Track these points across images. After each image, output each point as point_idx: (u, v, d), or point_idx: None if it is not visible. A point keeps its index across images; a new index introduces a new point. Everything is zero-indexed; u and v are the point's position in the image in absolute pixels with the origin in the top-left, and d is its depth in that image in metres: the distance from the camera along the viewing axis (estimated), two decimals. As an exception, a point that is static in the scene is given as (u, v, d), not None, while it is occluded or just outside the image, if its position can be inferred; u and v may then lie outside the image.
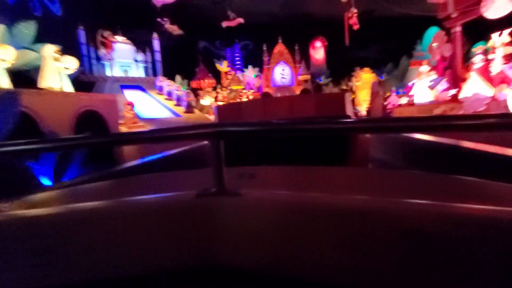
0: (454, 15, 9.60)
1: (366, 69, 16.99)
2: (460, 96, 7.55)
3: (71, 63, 5.67)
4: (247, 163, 1.13)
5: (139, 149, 7.20)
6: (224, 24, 14.11)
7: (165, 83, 11.41)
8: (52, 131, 4.71)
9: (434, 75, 8.70)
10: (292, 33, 16.68)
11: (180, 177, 1.17)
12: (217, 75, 15.65)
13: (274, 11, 16.69)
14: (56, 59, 5.43)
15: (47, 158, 4.33)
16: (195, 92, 13.76)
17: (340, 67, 17.56)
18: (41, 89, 5.21)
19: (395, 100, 11.43)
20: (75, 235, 0.69)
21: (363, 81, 16.65)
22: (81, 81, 11.84)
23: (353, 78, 17.15)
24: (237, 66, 16.26)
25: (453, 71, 9.68)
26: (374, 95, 9.40)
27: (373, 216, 0.58)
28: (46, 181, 4.37)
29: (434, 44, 11.03)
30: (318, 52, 18.32)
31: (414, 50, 16.75)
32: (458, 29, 9.70)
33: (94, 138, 0.85)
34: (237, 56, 16.39)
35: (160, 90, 11.72)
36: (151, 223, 0.71)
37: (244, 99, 13.58)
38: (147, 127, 8.50)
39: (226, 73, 15.73)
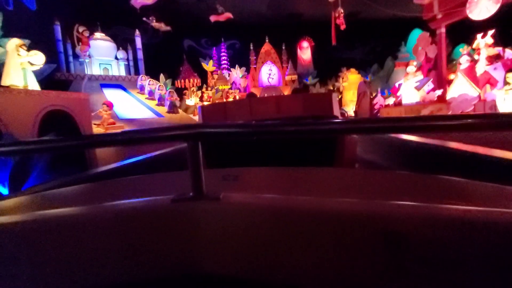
0: (439, 16, 9.59)
1: (352, 69, 17.00)
2: (447, 96, 7.47)
3: (37, 59, 5.12)
4: (231, 164, 1.08)
5: (117, 152, 6.70)
6: (213, 18, 13.64)
7: (146, 82, 10.85)
8: (11, 133, 4.20)
9: (420, 76, 8.61)
10: (279, 33, 16.44)
11: (157, 180, 1.10)
12: (203, 75, 15.19)
13: (261, 11, 16.38)
14: (19, 54, 4.88)
15: (4, 163, 3.82)
16: (180, 91, 13.25)
17: (327, 67, 17.54)
18: (1, 86, 4.66)
19: (381, 101, 11.40)
20: (41, 244, 0.65)
21: (350, 81, 16.64)
22: (57, 80, 11.16)
23: (340, 78, 17.11)
24: (223, 66, 15.83)
25: (438, 72, 9.68)
26: (361, 95, 9.24)
27: (358, 218, 0.57)
28: (2, 189, 3.85)
29: (420, 48, 11.06)
30: (305, 52, 18.18)
31: (399, 51, 17.08)
32: (443, 30, 9.70)
33: (63, 141, 0.78)
34: (224, 55, 15.96)
35: (141, 89, 11.15)
36: (123, 230, 0.66)
37: (231, 99, 13.21)
38: (126, 128, 7.98)
39: (212, 72, 15.27)
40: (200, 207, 0.66)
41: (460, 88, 7.28)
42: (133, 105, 10.21)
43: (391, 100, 9.20)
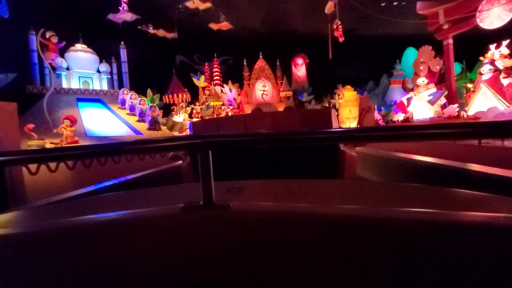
0: (445, 27, 8.52)
1: (348, 86, 16.07)
2: (470, 111, 6.12)
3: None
4: (231, 179, 1.01)
5: (59, 181, 5.08)
6: (214, 26, 12.46)
7: (128, 96, 9.41)
8: None
9: (433, 89, 7.31)
10: (273, 49, 15.42)
11: (158, 192, 1.01)
12: (194, 90, 13.89)
13: (255, 26, 15.41)
14: None
15: None
16: (168, 107, 11.85)
17: (322, 84, 16.60)
18: None
19: (379, 118, 10.43)
20: (47, 254, 0.61)
21: (346, 98, 15.63)
22: (28, 93, 9.70)
23: (336, 95, 16.07)
24: (216, 81, 14.57)
25: (447, 86, 8.49)
26: (364, 110, 7.91)
27: (368, 224, 0.55)
28: None
29: (421, 62, 9.94)
30: (299, 69, 17.16)
31: (394, 69, 16.79)
32: (450, 41, 8.58)
33: (63, 151, 0.72)
34: (216, 71, 14.74)
35: (122, 104, 9.70)
36: (131, 240, 0.62)
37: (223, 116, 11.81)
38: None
39: (203, 88, 13.97)
40: (211, 215, 0.64)
41: (485, 101, 5.99)
42: (110, 122, 8.70)
43: (400, 116, 7.85)
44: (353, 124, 14.86)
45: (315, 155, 1.60)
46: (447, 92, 7.37)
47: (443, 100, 7.28)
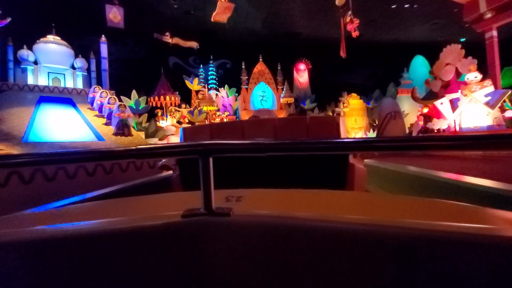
0: (487, 16, 6.52)
1: (354, 94, 14.10)
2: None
3: None
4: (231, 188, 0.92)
5: None
6: (221, 18, 10.33)
7: (98, 95, 7.30)
8: None
9: (490, 87, 5.17)
10: (274, 52, 13.45)
11: (156, 200, 0.91)
12: (186, 94, 11.84)
13: (256, 28, 13.49)
14: None
15: None
16: (154, 111, 9.77)
17: (326, 91, 14.61)
18: None
19: None
20: (46, 260, 0.56)
21: (351, 107, 13.64)
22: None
23: (341, 103, 14.06)
24: (211, 85, 12.52)
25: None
26: (388, 116, 5.77)
27: (368, 235, 0.52)
28: None
29: (446, 63, 7.85)
30: (302, 75, 15.18)
31: (401, 77, 14.99)
32: (494, 33, 6.53)
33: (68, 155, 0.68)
34: (212, 74, 12.71)
35: (92, 103, 7.59)
36: (129, 247, 0.58)
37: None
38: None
39: (197, 91, 11.91)
40: (211, 222, 0.60)
41: None
42: (70, 124, 6.56)
43: (443, 124, 5.69)
44: (359, 134, 12.91)
45: (322, 168, 1.40)
46: (510, 92, 5.30)
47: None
